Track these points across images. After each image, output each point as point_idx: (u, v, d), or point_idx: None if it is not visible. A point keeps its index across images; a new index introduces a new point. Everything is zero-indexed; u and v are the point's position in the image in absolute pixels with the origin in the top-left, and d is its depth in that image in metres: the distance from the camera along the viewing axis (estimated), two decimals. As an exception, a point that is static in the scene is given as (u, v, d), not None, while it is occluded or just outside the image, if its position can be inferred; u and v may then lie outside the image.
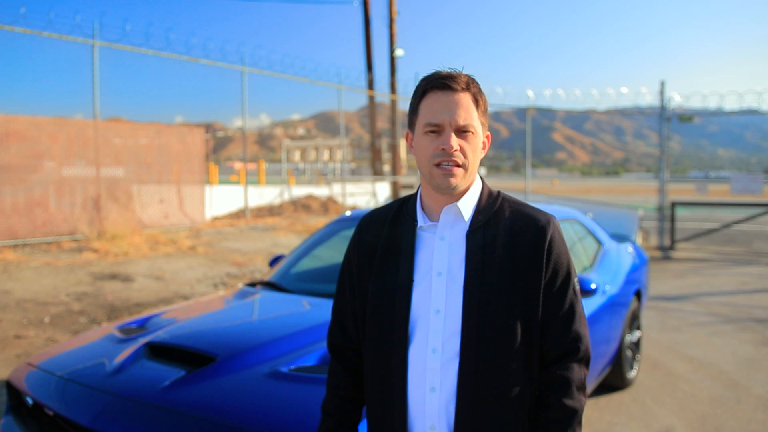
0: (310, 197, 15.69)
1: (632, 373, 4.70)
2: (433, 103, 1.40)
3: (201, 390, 2.08)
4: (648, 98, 13.87)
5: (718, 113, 14.35)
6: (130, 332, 2.75)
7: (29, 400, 2.62)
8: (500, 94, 14.94)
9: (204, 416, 1.96)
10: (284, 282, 3.54)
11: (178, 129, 11.64)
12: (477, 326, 1.38)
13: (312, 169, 28.21)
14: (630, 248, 5.16)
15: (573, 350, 1.43)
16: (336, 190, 16.55)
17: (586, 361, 1.47)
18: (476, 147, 1.42)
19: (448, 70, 1.44)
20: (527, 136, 15.78)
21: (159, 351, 2.41)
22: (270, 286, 3.51)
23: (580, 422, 1.43)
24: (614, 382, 4.51)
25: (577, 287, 1.47)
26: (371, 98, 17.41)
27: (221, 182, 17.97)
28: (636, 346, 4.84)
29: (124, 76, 9.44)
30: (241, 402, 2.02)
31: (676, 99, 13.51)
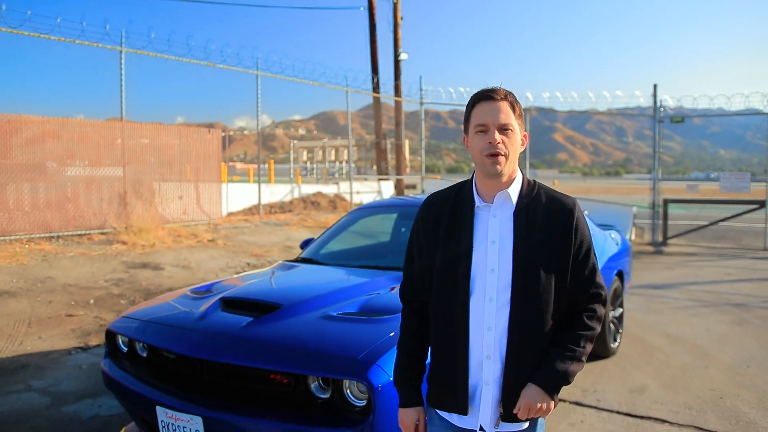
0: (318, 195, 16.37)
1: (615, 344, 5.37)
2: (480, 110, 1.82)
3: (273, 327, 2.76)
4: (642, 100, 14.51)
5: (719, 113, 14.97)
6: (200, 293, 3.42)
7: (123, 347, 3.29)
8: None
9: (277, 342, 2.63)
10: (317, 257, 4.24)
11: (197, 130, 12.30)
12: (523, 281, 1.78)
13: (318, 169, 28.90)
14: (613, 235, 5.82)
15: (597, 295, 1.89)
16: (343, 188, 17.22)
17: (605, 303, 1.92)
18: (515, 141, 1.83)
19: (492, 87, 1.87)
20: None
21: (232, 303, 3.07)
22: (306, 261, 4.21)
23: (593, 341, 1.88)
24: (599, 351, 5.17)
25: (595, 253, 1.92)
26: (377, 100, 18.07)
27: (228, 182, 18.58)
28: (619, 320, 5.50)
29: (129, 77, 10.11)
30: (304, 333, 2.68)
31: (669, 101, 14.14)
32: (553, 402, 1.81)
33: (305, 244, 4.71)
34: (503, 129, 1.80)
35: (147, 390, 2.85)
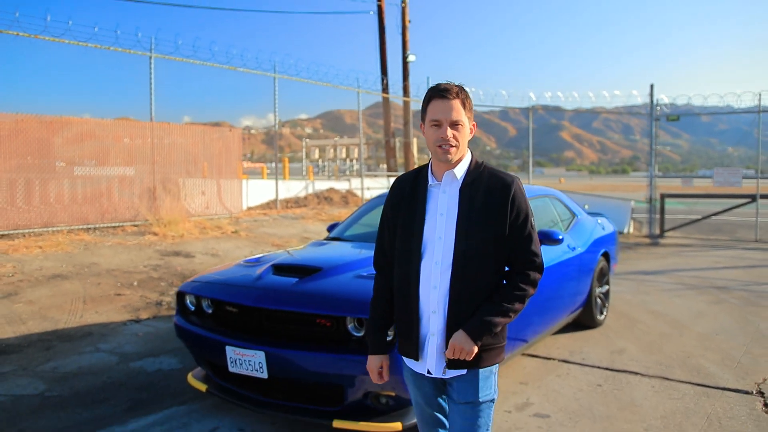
0: (331, 190, 17.17)
1: (601, 317, 6.09)
2: (434, 107, 2.06)
3: (317, 283, 3.51)
4: (639, 99, 15.20)
5: (727, 111, 15.57)
6: (252, 263, 4.18)
7: (191, 306, 4.06)
8: (504, 96, 16.29)
9: (322, 294, 3.38)
10: (343, 236, 5.02)
11: (219, 129, 13.10)
12: (463, 247, 2.04)
13: (329, 166, 29.77)
14: (600, 221, 6.53)
15: (531, 262, 2.12)
16: (354, 184, 18.02)
17: (540, 270, 2.14)
18: (464, 134, 2.09)
19: (446, 83, 2.09)
20: (530, 135, 17.18)
21: (282, 268, 3.82)
22: (334, 239, 4.99)
23: (524, 301, 2.10)
24: (586, 321, 5.90)
25: (534, 224, 2.14)
26: (386, 100, 18.84)
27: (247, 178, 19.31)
28: (605, 296, 6.23)
29: (135, 79, 10.91)
30: (342, 287, 3.43)
31: (665, 100, 14.80)
32: (475, 347, 2.03)
33: (331, 228, 5.47)
34: (454, 125, 2.07)
35: (216, 335, 3.61)
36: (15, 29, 8.84)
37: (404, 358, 2.21)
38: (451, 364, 2.07)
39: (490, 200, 2.08)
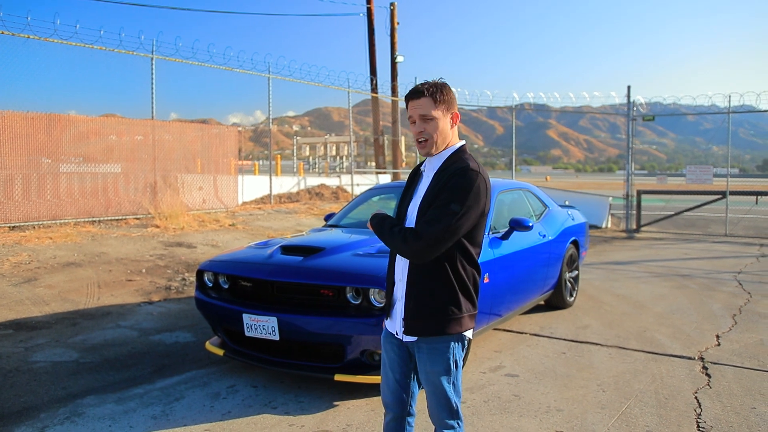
0: (322, 186, 17.79)
1: (571, 299, 6.77)
2: (410, 107, 2.31)
3: (321, 260, 4.13)
4: (617, 100, 15.92)
5: (697, 112, 16.38)
6: (262, 246, 4.80)
7: (208, 282, 4.67)
8: (489, 95, 16.98)
9: (325, 268, 4.00)
10: (340, 224, 5.66)
11: (216, 127, 13.68)
12: (418, 221, 2.26)
13: (320, 163, 30.40)
14: (570, 212, 7.20)
15: (427, 222, 2.21)
16: (345, 180, 18.65)
17: (423, 238, 2.17)
18: (437, 126, 2.27)
19: (420, 84, 2.31)
20: (513, 134, 17.89)
21: (289, 248, 4.44)
22: (332, 226, 5.62)
23: (400, 238, 2.22)
24: (557, 303, 6.57)
25: (458, 211, 2.16)
26: (375, 99, 19.46)
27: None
28: (575, 280, 6.90)
29: (122, 75, 11.44)
30: (342, 262, 4.05)
31: (641, 100, 15.54)
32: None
33: (329, 217, 6.10)
34: (425, 119, 2.28)
35: (234, 305, 4.23)
36: (27, 32, 9.36)
37: (385, 320, 2.50)
38: (408, 330, 2.30)
39: (448, 181, 2.22)
